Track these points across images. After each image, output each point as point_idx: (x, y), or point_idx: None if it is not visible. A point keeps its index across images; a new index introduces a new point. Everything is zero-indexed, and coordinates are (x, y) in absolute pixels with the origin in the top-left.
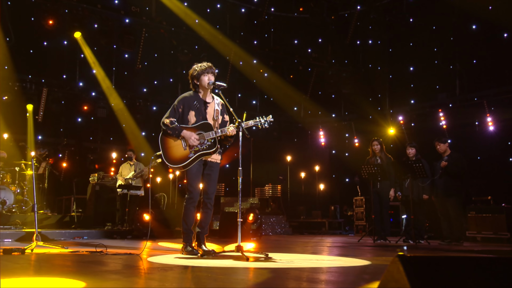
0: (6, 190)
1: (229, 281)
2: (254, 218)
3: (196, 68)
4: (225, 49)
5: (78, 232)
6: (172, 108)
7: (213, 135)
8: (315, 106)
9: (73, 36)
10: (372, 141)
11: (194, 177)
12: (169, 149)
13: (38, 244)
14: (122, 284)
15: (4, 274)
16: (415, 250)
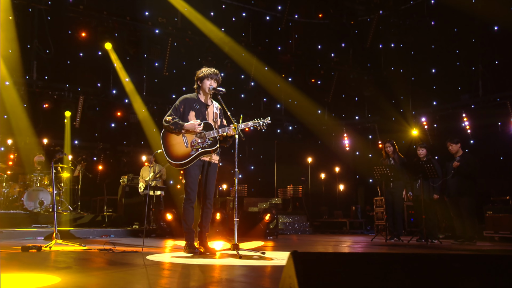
0: (44, 191)
1: (185, 276)
2: (271, 218)
3: (203, 71)
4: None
5: (106, 231)
6: (174, 107)
7: (213, 134)
8: (339, 108)
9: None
10: (384, 142)
11: (193, 178)
12: (171, 147)
13: (57, 242)
14: (95, 279)
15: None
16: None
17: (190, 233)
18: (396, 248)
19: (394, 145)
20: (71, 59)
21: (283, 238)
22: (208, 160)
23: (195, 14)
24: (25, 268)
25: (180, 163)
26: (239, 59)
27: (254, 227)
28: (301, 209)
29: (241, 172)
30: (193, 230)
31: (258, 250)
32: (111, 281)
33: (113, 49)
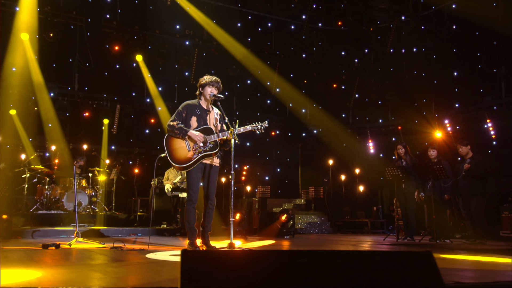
0: (82, 193)
1: (153, 272)
2: (287, 218)
3: (206, 78)
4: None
5: (134, 230)
6: (177, 112)
7: (214, 138)
8: (363, 112)
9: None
10: (396, 145)
11: (194, 181)
12: (174, 151)
13: (78, 240)
14: (76, 275)
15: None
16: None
17: (193, 232)
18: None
19: (405, 147)
20: (108, 70)
21: (300, 237)
22: (209, 163)
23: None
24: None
25: (182, 166)
26: (264, 67)
27: (272, 227)
28: (322, 210)
29: (268, 175)
30: (195, 229)
31: (251, 250)
32: (73, 276)
33: (143, 61)
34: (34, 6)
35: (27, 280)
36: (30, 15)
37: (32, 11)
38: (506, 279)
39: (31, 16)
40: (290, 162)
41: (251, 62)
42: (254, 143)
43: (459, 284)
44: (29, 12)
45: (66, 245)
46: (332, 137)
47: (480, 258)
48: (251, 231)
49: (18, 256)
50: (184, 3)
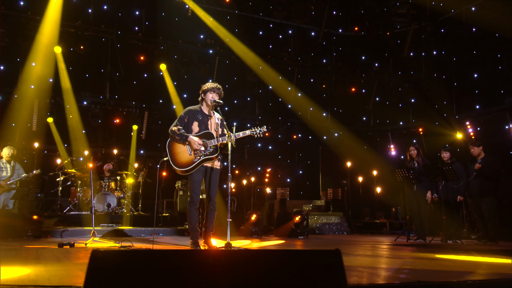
0: (110, 195)
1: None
2: (301, 219)
3: (208, 85)
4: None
5: (155, 230)
6: (179, 118)
7: (214, 142)
8: (384, 115)
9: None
10: (409, 147)
11: (196, 183)
12: (176, 155)
13: (94, 239)
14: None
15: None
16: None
17: (195, 232)
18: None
19: (418, 148)
20: (137, 79)
21: (314, 237)
22: (210, 166)
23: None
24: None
25: (184, 169)
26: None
27: (286, 227)
28: (340, 211)
29: (290, 177)
30: (197, 229)
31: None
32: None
33: (167, 70)
34: (57, 20)
35: (11, 278)
36: (52, 28)
37: (54, 24)
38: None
39: (53, 29)
40: (311, 165)
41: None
42: (276, 147)
43: (360, 284)
44: (52, 25)
45: (82, 244)
46: (353, 140)
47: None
48: (268, 231)
49: (22, 254)
50: (204, 16)
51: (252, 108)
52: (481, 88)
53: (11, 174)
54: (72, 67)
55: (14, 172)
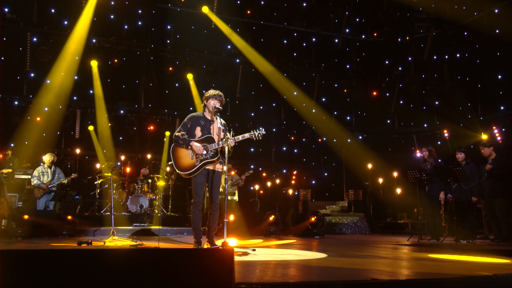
0: (143, 197)
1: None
2: (316, 219)
3: (210, 92)
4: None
5: (180, 229)
6: (183, 124)
7: (215, 146)
8: (408, 117)
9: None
10: (421, 148)
11: (199, 186)
12: (179, 159)
13: (113, 238)
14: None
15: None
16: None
17: (198, 232)
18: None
19: (430, 150)
20: (169, 88)
21: (330, 237)
22: (212, 169)
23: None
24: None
25: (187, 172)
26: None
27: (302, 228)
28: (362, 211)
29: (316, 179)
30: (200, 229)
31: (249, 248)
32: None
33: (194, 79)
34: (84, 34)
35: None
36: (79, 42)
37: (81, 38)
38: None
39: (79, 43)
40: (337, 167)
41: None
42: (301, 150)
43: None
44: (79, 39)
45: (101, 242)
46: (377, 142)
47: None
48: (288, 231)
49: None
50: (224, 27)
51: (278, 114)
52: (506, 89)
53: (51, 178)
54: (110, 79)
55: (55, 176)
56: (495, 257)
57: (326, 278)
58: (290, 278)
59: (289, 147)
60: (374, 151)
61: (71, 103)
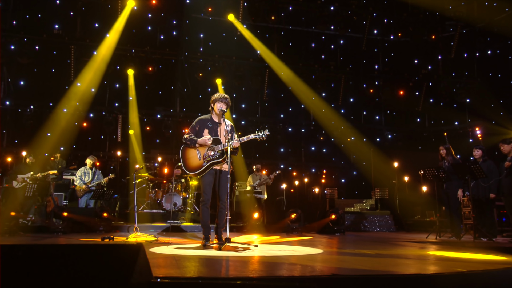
0: (177, 195)
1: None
2: (336, 217)
3: (216, 95)
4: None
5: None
6: (191, 127)
7: (221, 147)
8: (439, 116)
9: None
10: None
11: (207, 185)
12: (188, 160)
13: (137, 234)
14: None
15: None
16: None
17: (206, 228)
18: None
19: (448, 148)
20: (202, 93)
21: (351, 234)
22: (219, 169)
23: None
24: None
25: (195, 172)
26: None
27: (322, 225)
28: (388, 209)
29: (345, 177)
30: (209, 225)
31: (250, 244)
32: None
33: (222, 83)
34: (112, 44)
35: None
36: (107, 51)
37: (109, 47)
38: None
39: (107, 52)
40: (366, 165)
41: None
42: (330, 149)
43: (166, 278)
44: (107, 48)
45: (124, 238)
46: (407, 141)
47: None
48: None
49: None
50: (249, 35)
51: (307, 115)
52: None
53: (91, 178)
54: (148, 86)
55: (95, 177)
56: (504, 255)
57: (270, 273)
58: (236, 273)
59: (318, 147)
60: (403, 150)
61: (113, 109)
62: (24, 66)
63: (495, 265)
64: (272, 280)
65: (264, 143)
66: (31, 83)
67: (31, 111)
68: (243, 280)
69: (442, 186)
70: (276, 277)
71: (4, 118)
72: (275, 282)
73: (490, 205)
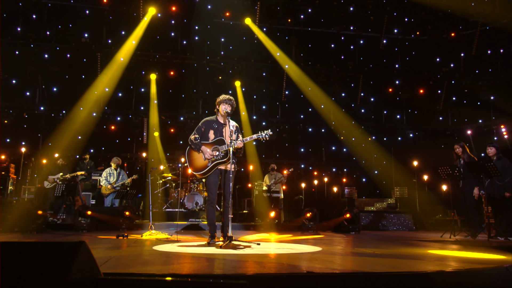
0: (198, 195)
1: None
2: (351, 215)
3: (221, 97)
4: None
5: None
6: (197, 128)
7: (225, 148)
8: (462, 113)
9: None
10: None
11: (212, 184)
12: (193, 161)
13: (152, 232)
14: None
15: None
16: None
17: (212, 227)
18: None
19: (463, 146)
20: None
21: (366, 233)
22: (224, 169)
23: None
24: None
25: (200, 173)
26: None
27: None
28: (408, 208)
29: (366, 176)
30: (214, 224)
31: (253, 242)
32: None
33: (242, 85)
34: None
35: None
36: (131, 57)
37: (133, 54)
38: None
39: (131, 58)
40: (387, 165)
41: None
42: (351, 148)
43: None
44: (131, 54)
45: (138, 236)
46: (429, 139)
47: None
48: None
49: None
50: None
51: (327, 115)
52: None
53: (116, 178)
54: (172, 89)
55: (119, 177)
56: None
57: (236, 271)
58: (201, 270)
59: (339, 146)
60: (425, 148)
61: (139, 112)
62: (57, 74)
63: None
64: (203, 276)
65: (284, 143)
66: (63, 89)
67: (63, 116)
68: (174, 276)
69: (458, 184)
70: (207, 274)
71: (40, 122)
72: (203, 278)
73: (506, 204)
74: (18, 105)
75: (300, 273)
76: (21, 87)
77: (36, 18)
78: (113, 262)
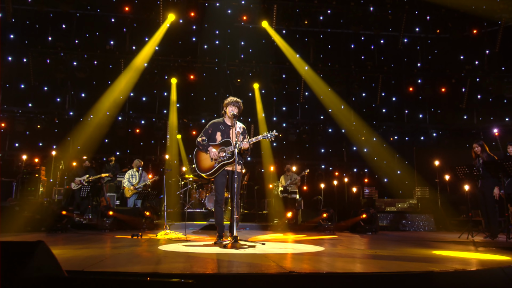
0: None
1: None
2: (367, 216)
3: (229, 99)
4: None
5: (244, 225)
6: (204, 130)
7: (231, 149)
8: (487, 112)
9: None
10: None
11: (219, 185)
12: (200, 162)
13: (166, 232)
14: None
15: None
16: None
17: (220, 227)
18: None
19: (482, 145)
20: (243, 98)
21: (384, 234)
22: (231, 170)
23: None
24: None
25: (207, 174)
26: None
27: (354, 224)
28: (429, 208)
29: (388, 177)
30: (222, 224)
31: (258, 242)
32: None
33: (260, 88)
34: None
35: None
36: (143, 60)
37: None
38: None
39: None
40: (409, 165)
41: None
42: (372, 148)
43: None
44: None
45: (153, 235)
46: (453, 138)
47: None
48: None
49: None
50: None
51: (348, 115)
52: None
53: (138, 180)
54: (194, 93)
55: (141, 179)
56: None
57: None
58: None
59: (360, 146)
60: (449, 148)
61: (162, 115)
62: (85, 80)
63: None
64: (157, 275)
65: (304, 144)
66: (91, 95)
67: (91, 120)
68: (134, 276)
69: (476, 184)
70: (160, 273)
71: (70, 126)
72: (156, 277)
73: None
74: (49, 111)
75: (263, 273)
76: (52, 94)
77: (65, 27)
78: (108, 261)
